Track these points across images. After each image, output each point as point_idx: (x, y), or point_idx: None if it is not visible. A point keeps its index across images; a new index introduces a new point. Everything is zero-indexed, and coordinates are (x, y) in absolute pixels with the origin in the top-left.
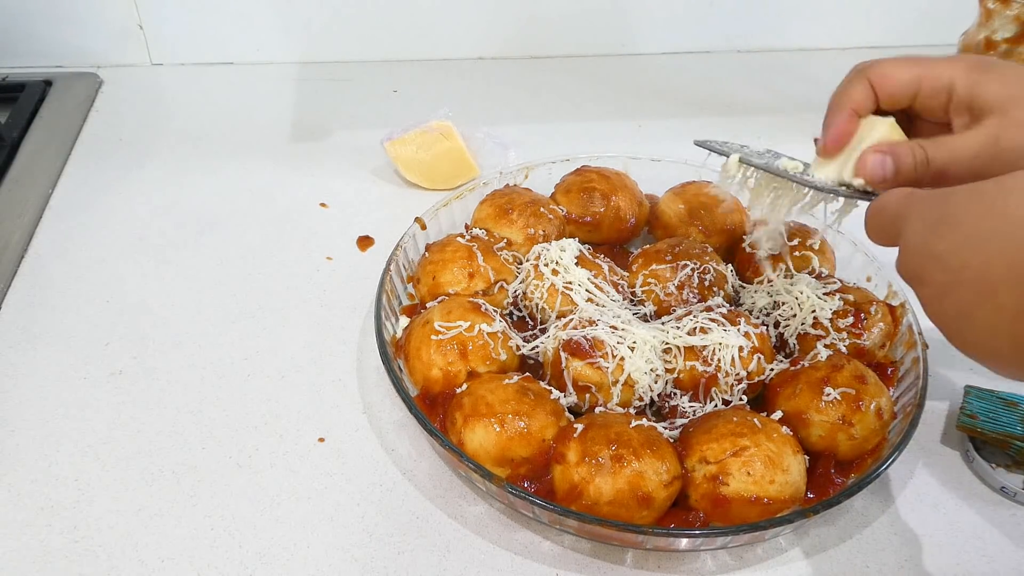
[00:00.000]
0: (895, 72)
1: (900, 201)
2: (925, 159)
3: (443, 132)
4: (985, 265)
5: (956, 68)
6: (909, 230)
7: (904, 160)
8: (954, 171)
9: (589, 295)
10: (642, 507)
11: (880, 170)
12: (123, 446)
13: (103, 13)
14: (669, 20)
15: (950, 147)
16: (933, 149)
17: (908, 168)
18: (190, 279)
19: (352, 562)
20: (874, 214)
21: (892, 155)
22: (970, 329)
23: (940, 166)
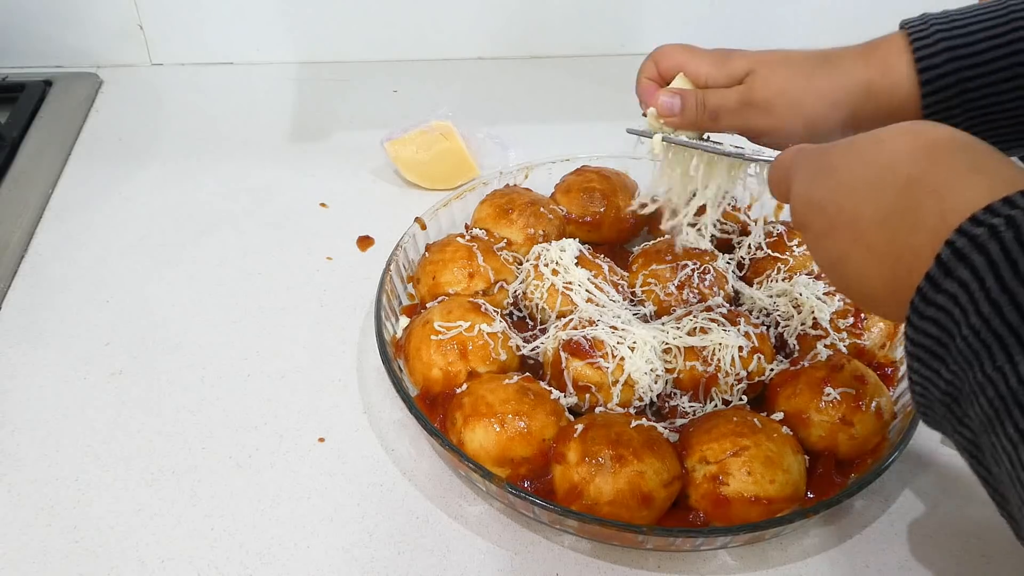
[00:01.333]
0: (671, 53)
1: (791, 156)
2: (703, 101)
3: (443, 132)
4: (856, 209)
5: (707, 61)
6: (795, 180)
7: (688, 101)
8: (723, 114)
9: (589, 295)
10: (642, 507)
11: (668, 105)
12: (123, 446)
13: (103, 13)
14: (669, 20)
15: (720, 95)
16: (709, 95)
17: (690, 106)
18: (190, 279)
19: (352, 562)
20: (772, 169)
21: (680, 96)
22: (846, 272)
23: (713, 107)
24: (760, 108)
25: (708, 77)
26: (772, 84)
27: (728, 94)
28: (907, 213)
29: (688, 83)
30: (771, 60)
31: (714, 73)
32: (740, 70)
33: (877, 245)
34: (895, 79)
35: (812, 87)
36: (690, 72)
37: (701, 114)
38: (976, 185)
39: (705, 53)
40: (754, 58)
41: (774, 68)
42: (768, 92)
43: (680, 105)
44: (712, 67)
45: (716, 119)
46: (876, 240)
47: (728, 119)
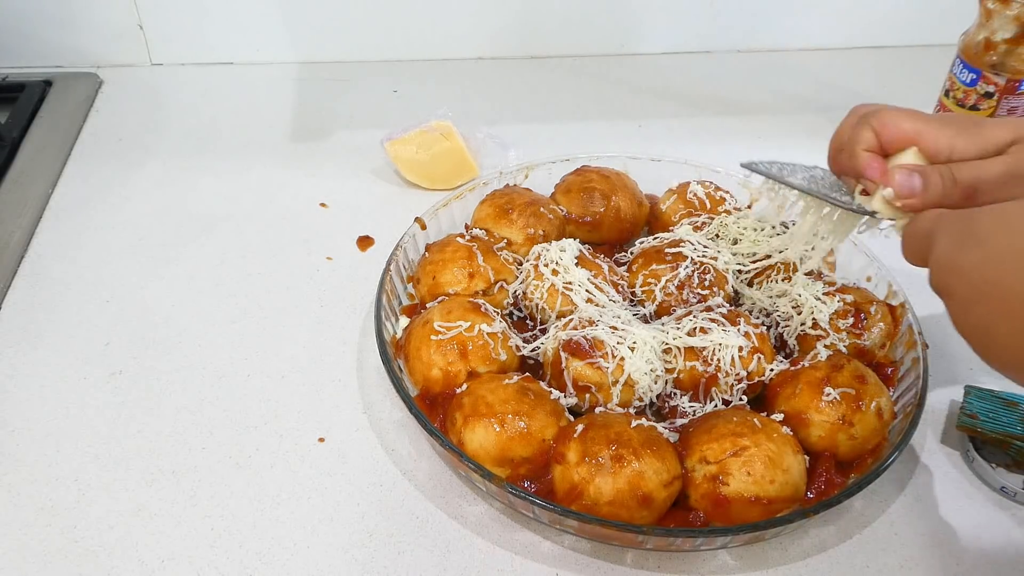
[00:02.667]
0: (899, 123)
1: (932, 220)
2: (952, 177)
3: (443, 132)
4: (1006, 281)
5: (950, 131)
6: (938, 246)
7: (931, 177)
8: (984, 189)
9: (589, 295)
10: (642, 507)
11: (907, 184)
12: (123, 446)
13: (103, 13)
14: (669, 20)
15: (977, 169)
16: (959, 169)
17: (936, 184)
18: (190, 279)
19: (352, 562)
20: (909, 235)
21: (920, 173)
22: (994, 343)
23: (968, 183)
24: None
25: (954, 149)
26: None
27: (989, 166)
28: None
29: (921, 159)
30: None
31: (961, 144)
32: (1000, 140)
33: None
34: None
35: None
36: (927, 144)
37: (951, 191)
38: None
39: (942, 119)
40: (1016, 124)
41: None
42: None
43: (921, 184)
44: (958, 136)
45: (973, 196)
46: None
47: (989, 194)
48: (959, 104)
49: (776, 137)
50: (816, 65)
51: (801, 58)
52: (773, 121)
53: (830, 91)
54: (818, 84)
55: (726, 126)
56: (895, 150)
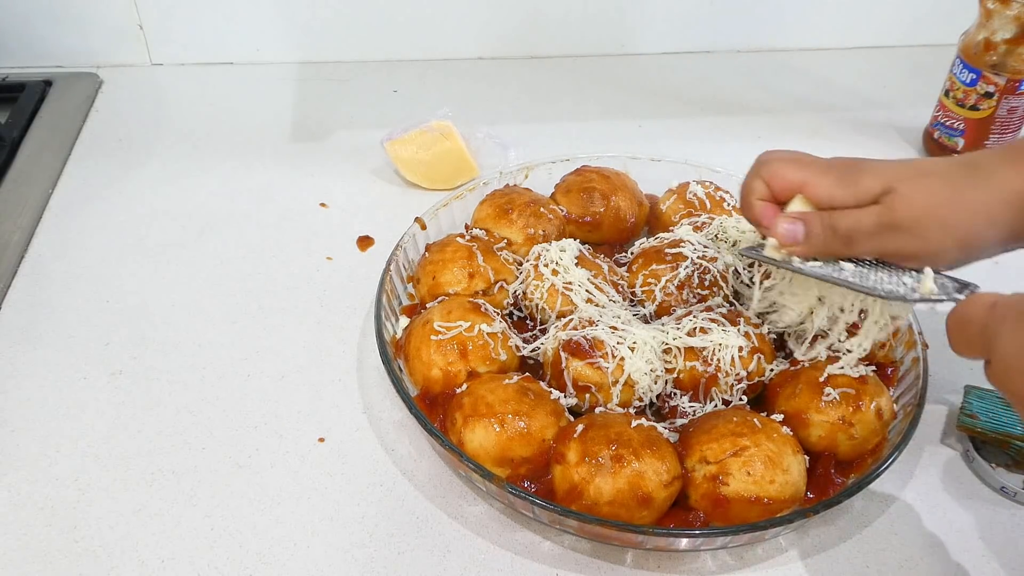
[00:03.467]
0: (785, 173)
1: (986, 312)
2: (831, 225)
3: (443, 132)
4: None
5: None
6: (1002, 343)
7: (813, 227)
8: (859, 238)
9: (589, 295)
10: (642, 507)
11: (792, 234)
12: (123, 446)
13: (103, 13)
14: (669, 20)
15: (854, 218)
16: (839, 218)
17: (817, 233)
18: (190, 279)
19: (352, 562)
20: (958, 326)
21: (803, 220)
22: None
23: (846, 232)
24: (905, 230)
25: (832, 198)
26: (916, 203)
27: (863, 216)
28: None
29: (808, 205)
30: (909, 174)
31: (839, 193)
32: (873, 188)
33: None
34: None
35: (963, 203)
36: (810, 192)
37: (831, 240)
38: None
39: (823, 168)
40: (888, 174)
41: (915, 184)
42: (912, 212)
43: (804, 232)
44: (836, 186)
45: (850, 244)
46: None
47: (865, 243)
48: (959, 104)
49: (776, 137)
50: (816, 65)
51: (801, 58)
52: (773, 121)
53: (830, 91)
54: (818, 84)
55: (726, 126)
56: (785, 199)
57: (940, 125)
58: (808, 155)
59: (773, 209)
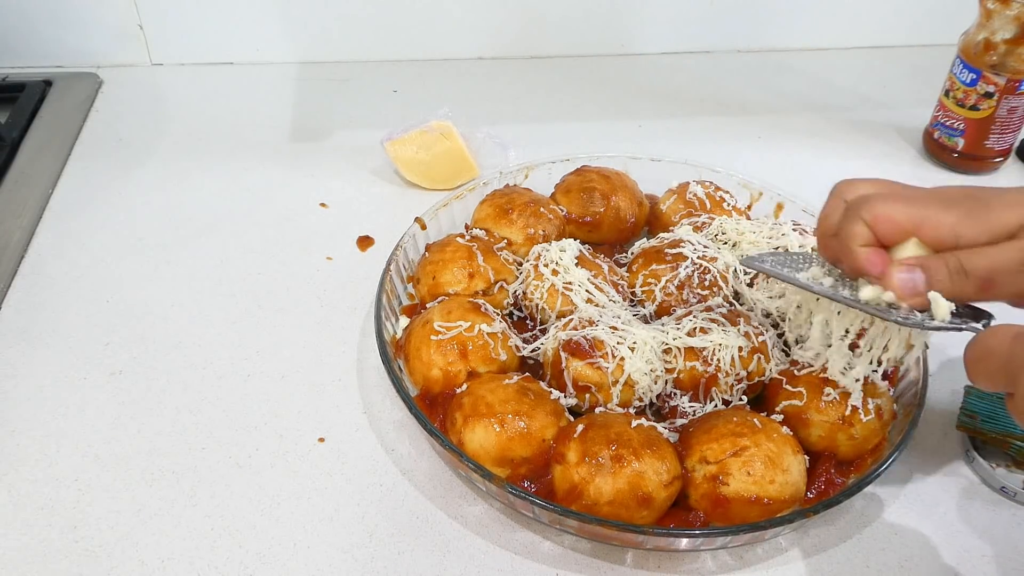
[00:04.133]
0: (892, 214)
1: (1010, 344)
2: (960, 268)
3: (443, 132)
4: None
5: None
6: None
7: (936, 272)
8: (1000, 280)
9: (589, 295)
10: (642, 507)
11: (911, 285)
12: (123, 446)
13: (103, 13)
14: (669, 20)
15: (990, 256)
16: (968, 258)
17: (943, 279)
18: (190, 279)
19: (352, 562)
20: (979, 359)
21: (922, 267)
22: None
23: (983, 275)
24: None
25: (960, 237)
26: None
27: (1004, 253)
28: None
29: (924, 248)
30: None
31: (968, 230)
32: (1010, 223)
33: None
34: None
35: None
36: (929, 234)
37: (961, 284)
38: None
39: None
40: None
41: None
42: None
43: (924, 280)
44: (962, 222)
45: (989, 287)
46: None
47: (1008, 286)
48: (959, 104)
49: (776, 137)
50: (816, 65)
51: (801, 58)
52: (773, 121)
53: (830, 91)
54: (818, 84)
55: (726, 126)
56: (894, 242)
57: (940, 125)
58: (910, 187)
59: (882, 256)
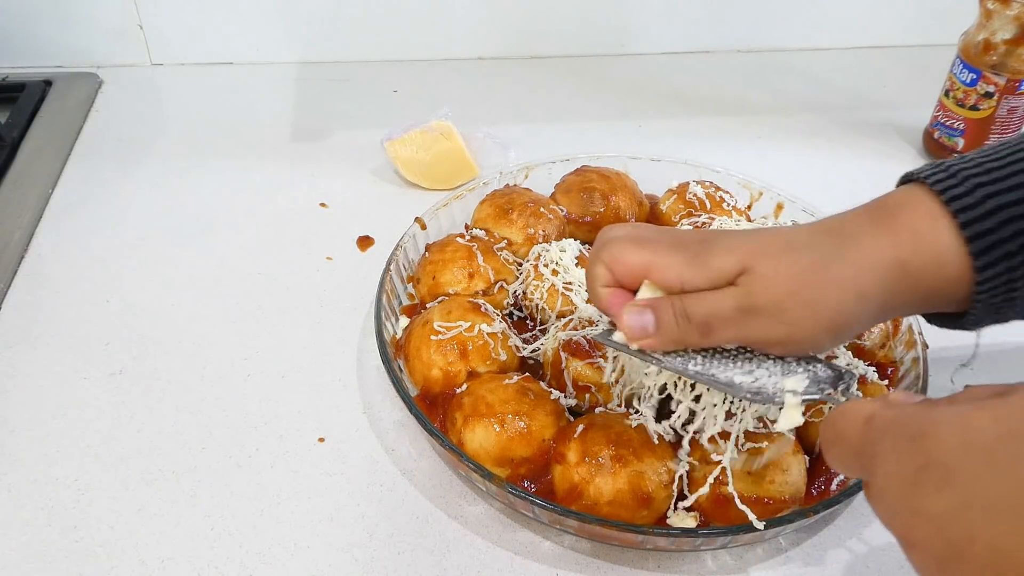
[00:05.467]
0: (624, 257)
1: (861, 430)
2: (684, 312)
3: (443, 132)
4: (998, 543)
5: (678, 260)
6: (884, 470)
7: (664, 316)
8: (717, 325)
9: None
10: (642, 507)
11: (639, 326)
12: (123, 446)
13: (103, 13)
14: (669, 20)
15: (709, 304)
16: (692, 304)
17: (669, 323)
18: (190, 279)
19: (352, 562)
20: (831, 443)
21: (651, 308)
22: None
23: (702, 320)
24: (767, 315)
25: (684, 281)
26: (778, 284)
27: (720, 301)
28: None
29: (657, 290)
30: (767, 250)
31: (690, 275)
32: (727, 267)
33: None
34: (934, 253)
35: (831, 280)
36: (656, 277)
37: (686, 330)
38: None
39: (669, 245)
40: (743, 249)
41: (775, 261)
42: (775, 294)
43: (655, 323)
44: (686, 266)
45: (708, 333)
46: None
47: (725, 331)
48: (959, 104)
49: (776, 137)
50: (816, 65)
51: (801, 58)
52: (773, 121)
53: (830, 91)
54: (818, 84)
55: (726, 126)
56: (632, 285)
57: (940, 125)
58: (652, 229)
59: (622, 296)
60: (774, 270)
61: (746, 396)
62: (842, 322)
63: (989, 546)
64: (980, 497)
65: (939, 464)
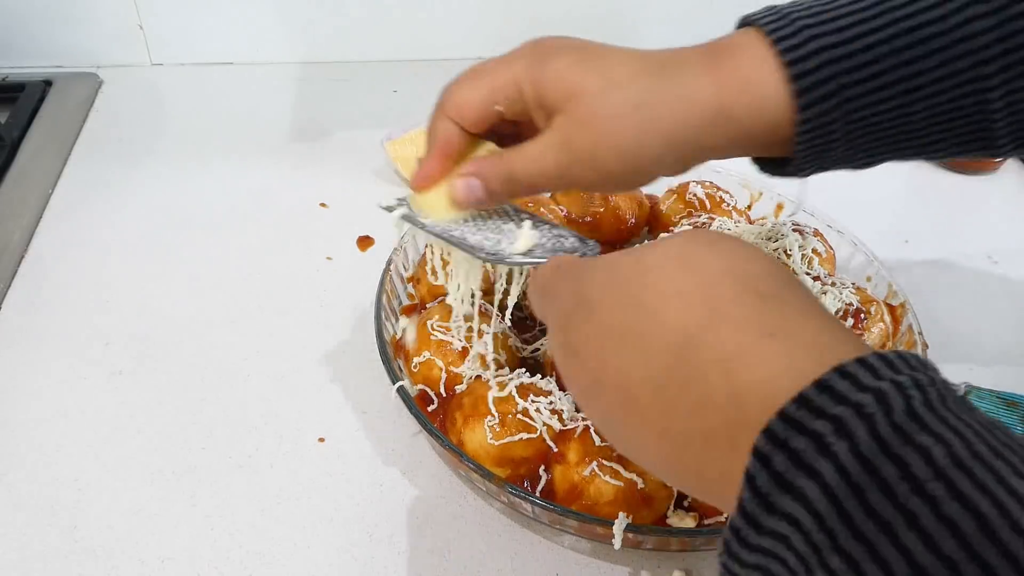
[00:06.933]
0: (467, 98)
1: (548, 274)
2: (508, 173)
3: None
4: (623, 366)
5: (517, 67)
6: (552, 312)
7: (491, 181)
8: (544, 184)
9: None
10: (642, 507)
11: (470, 194)
12: (123, 446)
13: (103, 13)
14: (669, 20)
15: (529, 156)
16: (514, 159)
17: (498, 187)
18: (190, 279)
19: (352, 562)
20: (530, 287)
21: (478, 175)
22: (622, 437)
23: (527, 179)
24: (581, 164)
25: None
26: (594, 129)
27: (539, 154)
28: (689, 385)
29: (492, 148)
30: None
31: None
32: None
33: (652, 417)
34: (758, 96)
35: (644, 126)
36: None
37: (511, 190)
38: (771, 356)
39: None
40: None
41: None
42: (588, 142)
43: (483, 189)
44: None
45: (535, 190)
46: (650, 411)
47: (547, 185)
48: None
49: None
50: None
51: None
52: None
53: None
54: None
55: None
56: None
57: None
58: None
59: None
60: (592, 114)
61: (484, 257)
62: (648, 165)
63: (619, 370)
64: (613, 328)
65: (587, 300)
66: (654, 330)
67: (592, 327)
